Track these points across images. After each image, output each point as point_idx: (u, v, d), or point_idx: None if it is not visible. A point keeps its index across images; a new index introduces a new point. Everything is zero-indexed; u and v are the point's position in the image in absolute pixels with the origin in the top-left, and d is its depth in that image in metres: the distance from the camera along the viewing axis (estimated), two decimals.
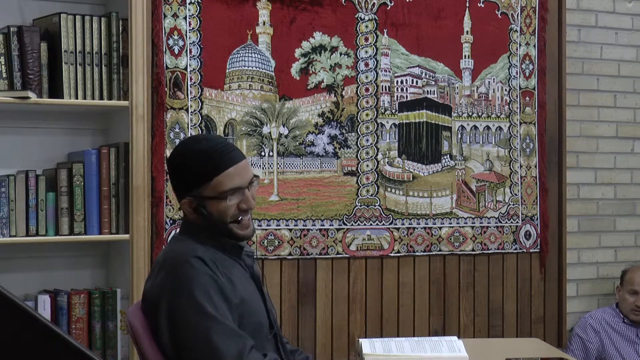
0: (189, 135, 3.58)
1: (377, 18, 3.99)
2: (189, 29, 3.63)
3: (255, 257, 2.62)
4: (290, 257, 3.80)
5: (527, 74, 4.32)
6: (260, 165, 3.76)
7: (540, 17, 4.33)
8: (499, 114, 4.26)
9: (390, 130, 4.02)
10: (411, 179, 4.06)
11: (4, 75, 3.17)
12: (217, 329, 2.24)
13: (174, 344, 2.29)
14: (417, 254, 4.06)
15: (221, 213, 2.41)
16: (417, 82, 4.08)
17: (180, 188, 2.47)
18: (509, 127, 4.27)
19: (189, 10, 3.63)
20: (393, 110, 4.03)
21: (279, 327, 2.57)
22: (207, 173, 2.40)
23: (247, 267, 2.52)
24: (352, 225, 3.92)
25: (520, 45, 4.30)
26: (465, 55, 4.18)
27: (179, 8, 3.61)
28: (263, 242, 3.74)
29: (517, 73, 4.29)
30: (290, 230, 3.81)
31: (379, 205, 3.98)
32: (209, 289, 2.28)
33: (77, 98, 3.25)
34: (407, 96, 4.06)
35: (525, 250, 4.30)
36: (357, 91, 3.95)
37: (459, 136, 4.17)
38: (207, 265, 2.32)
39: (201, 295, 2.27)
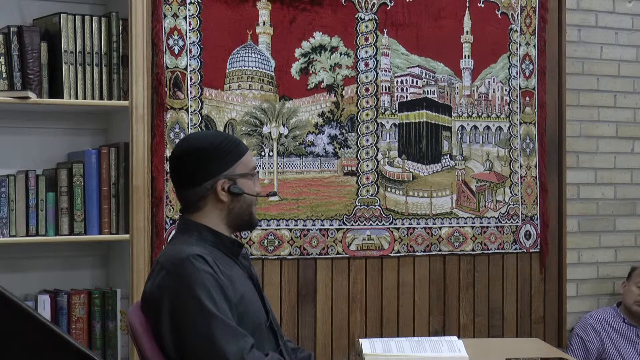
0: None
1: (377, 18, 3.99)
2: (189, 29, 3.63)
3: (250, 257, 2.64)
4: (290, 257, 3.80)
5: (527, 74, 4.32)
6: (260, 165, 3.76)
7: (540, 17, 4.33)
8: (499, 114, 4.26)
9: (390, 130, 4.02)
10: (411, 179, 4.06)
11: (4, 75, 3.17)
12: (219, 327, 2.24)
13: (176, 343, 2.29)
14: (417, 254, 4.06)
15: (251, 189, 2.51)
16: (417, 82, 4.08)
17: (208, 172, 2.45)
18: (509, 127, 4.28)
19: (189, 10, 3.63)
20: (393, 110, 4.03)
21: (278, 325, 2.57)
22: (238, 151, 2.51)
23: (245, 267, 2.53)
24: (352, 225, 3.92)
25: (520, 45, 4.30)
26: (465, 55, 4.18)
27: (179, 8, 3.61)
28: (263, 242, 3.74)
29: (517, 73, 4.29)
30: (290, 230, 3.81)
31: (379, 205, 3.98)
32: (210, 288, 2.29)
33: (77, 98, 3.25)
34: (407, 96, 4.06)
35: (525, 250, 4.30)
36: (357, 91, 3.95)
37: (459, 136, 4.17)
38: (207, 263, 2.33)
39: (202, 293, 2.27)
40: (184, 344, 2.28)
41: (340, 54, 3.92)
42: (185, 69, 3.62)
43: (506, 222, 4.26)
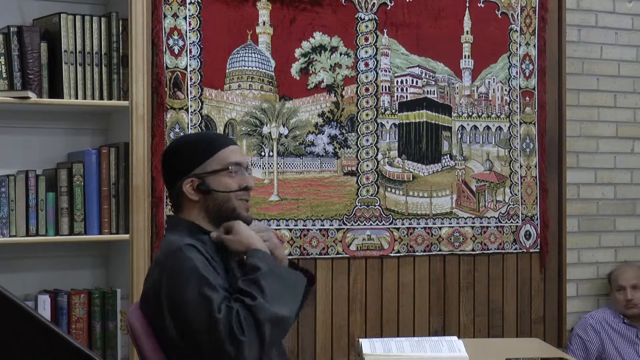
0: None
1: (377, 18, 3.99)
2: (189, 29, 3.63)
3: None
4: (290, 257, 3.79)
5: (527, 74, 4.32)
6: (260, 165, 3.76)
7: (540, 17, 4.33)
8: (499, 114, 4.26)
9: (390, 130, 4.02)
10: (411, 179, 4.06)
11: (4, 75, 3.17)
12: (214, 297, 2.24)
13: (178, 329, 2.28)
14: (417, 254, 4.06)
15: (227, 186, 2.46)
16: (417, 82, 4.08)
17: (179, 171, 2.48)
18: (509, 127, 4.27)
19: (189, 10, 3.63)
20: (393, 110, 4.03)
21: None
22: (211, 147, 2.48)
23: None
24: (352, 225, 3.92)
25: (520, 45, 4.30)
26: (465, 55, 4.18)
27: (179, 8, 3.61)
28: None
29: (517, 73, 4.29)
30: (290, 230, 3.81)
31: (379, 205, 3.98)
32: (202, 270, 2.28)
33: (77, 98, 3.25)
34: (407, 96, 4.06)
35: (525, 250, 4.30)
36: (357, 91, 3.95)
37: (459, 136, 4.17)
38: (199, 251, 2.33)
39: (197, 277, 2.27)
40: (185, 330, 2.27)
41: (340, 54, 3.92)
42: (185, 69, 3.62)
43: (506, 222, 4.26)
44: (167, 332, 2.31)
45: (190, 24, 3.64)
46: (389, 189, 4.01)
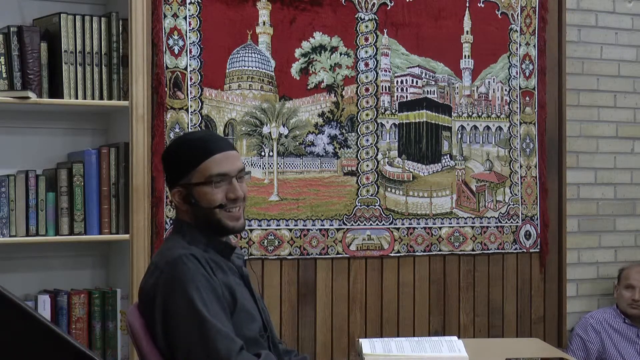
0: None
1: (377, 18, 3.99)
2: (189, 29, 3.63)
3: (245, 259, 2.63)
4: (290, 257, 3.80)
5: (527, 74, 4.32)
6: (260, 165, 3.76)
7: (540, 17, 4.33)
8: (499, 114, 4.26)
9: (390, 130, 4.02)
10: (411, 179, 4.06)
11: (4, 75, 3.17)
12: (209, 328, 2.25)
13: (166, 340, 2.31)
14: (417, 254, 4.06)
15: (209, 200, 2.42)
16: (417, 82, 4.08)
17: (171, 180, 2.50)
18: (509, 127, 4.27)
19: (189, 10, 3.63)
20: (393, 110, 4.03)
21: (272, 328, 2.57)
22: (195, 158, 2.44)
23: (236, 267, 2.52)
24: (352, 225, 3.92)
25: (520, 45, 4.30)
26: (465, 55, 4.18)
27: (179, 8, 3.61)
28: (263, 242, 3.74)
29: (517, 73, 4.29)
30: (290, 230, 3.81)
31: (379, 205, 3.98)
32: (202, 288, 2.29)
33: (77, 98, 3.25)
34: (407, 96, 4.06)
35: (525, 250, 4.30)
36: (357, 91, 3.95)
37: (459, 136, 4.17)
38: (201, 264, 2.33)
39: (194, 293, 2.28)
40: (174, 342, 2.29)
41: (340, 54, 3.92)
42: (185, 69, 3.62)
43: (506, 222, 4.26)
44: (156, 335, 2.33)
45: (190, 24, 3.63)
46: (389, 189, 4.01)
